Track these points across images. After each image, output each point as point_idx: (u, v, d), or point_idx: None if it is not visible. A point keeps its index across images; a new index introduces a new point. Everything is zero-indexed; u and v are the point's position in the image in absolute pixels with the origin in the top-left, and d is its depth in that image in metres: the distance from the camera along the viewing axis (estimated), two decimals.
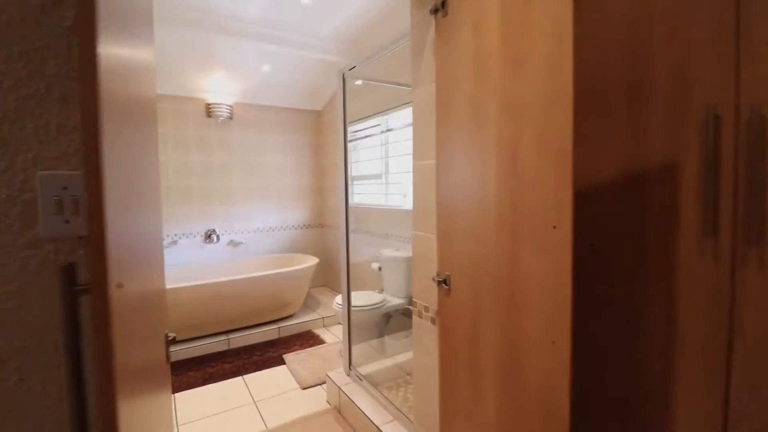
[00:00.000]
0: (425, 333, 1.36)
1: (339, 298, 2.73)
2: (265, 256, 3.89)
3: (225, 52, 3.13)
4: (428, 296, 1.30)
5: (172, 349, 2.68)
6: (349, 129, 3.82)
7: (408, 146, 3.06)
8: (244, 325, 3.08)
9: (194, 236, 3.62)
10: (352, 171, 3.90)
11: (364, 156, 3.76)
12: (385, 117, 3.24)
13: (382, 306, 2.68)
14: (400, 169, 3.22)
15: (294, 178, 4.14)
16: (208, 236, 3.67)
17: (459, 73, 1.09)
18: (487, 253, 1.02)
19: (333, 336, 3.11)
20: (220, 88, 3.60)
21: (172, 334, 0.75)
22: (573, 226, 0.87)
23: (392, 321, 2.86)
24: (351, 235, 3.68)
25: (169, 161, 3.48)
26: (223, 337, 2.91)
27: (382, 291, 3.00)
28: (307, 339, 3.05)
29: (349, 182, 3.73)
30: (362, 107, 3.45)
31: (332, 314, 3.37)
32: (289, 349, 2.87)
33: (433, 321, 1.29)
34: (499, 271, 1.00)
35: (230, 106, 3.68)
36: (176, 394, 2.27)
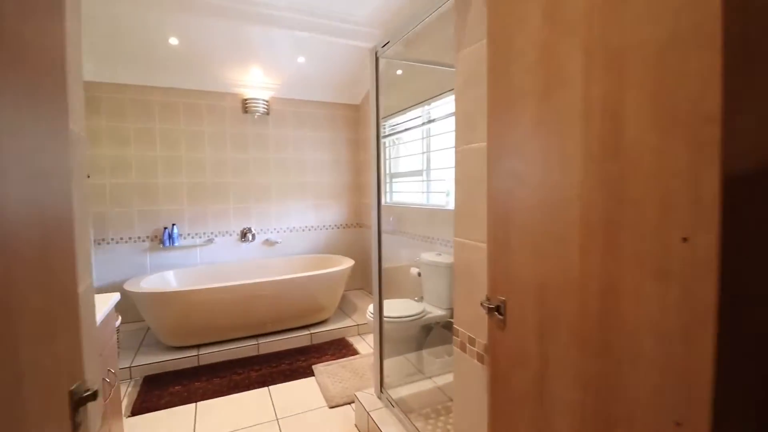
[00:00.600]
0: (470, 372, 1.05)
1: (371, 307, 2.48)
2: (300, 256, 3.74)
3: (259, 42, 3.00)
4: (475, 324, 1.00)
5: (203, 351, 2.58)
6: (388, 122, 3.57)
7: (452, 139, 2.74)
8: (275, 329, 2.92)
9: (230, 234, 3.55)
10: (391, 167, 3.63)
11: (404, 151, 3.48)
12: (427, 107, 2.94)
13: (421, 318, 2.39)
14: (443, 164, 2.90)
15: (331, 176, 3.96)
16: (244, 235, 3.58)
17: (522, 13, 0.77)
18: (563, 274, 0.70)
19: (367, 346, 2.87)
20: (256, 82, 3.49)
21: (91, 388, 0.53)
22: (720, 237, 0.53)
23: (432, 335, 2.55)
24: (388, 237, 3.41)
25: (205, 158, 3.42)
26: (252, 342, 2.77)
27: (421, 299, 2.71)
28: (340, 348, 2.83)
29: (383, 179, 3.46)
30: (402, 99, 3.18)
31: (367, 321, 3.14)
32: (320, 359, 2.66)
33: (480, 358, 0.98)
34: (584, 302, 0.67)
35: (267, 102, 3.56)
36: (199, 403, 2.14)
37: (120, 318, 2.05)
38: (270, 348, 2.79)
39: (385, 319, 2.22)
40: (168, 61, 3.06)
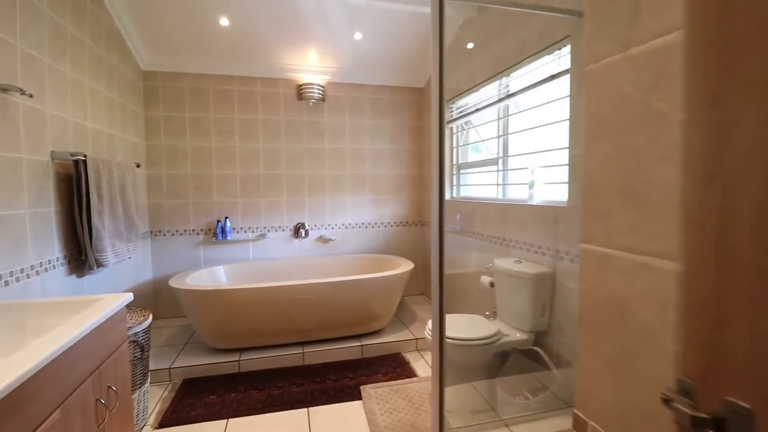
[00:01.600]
0: None
1: (432, 324, 2.02)
2: (355, 256, 3.40)
3: (311, 17, 2.70)
4: (629, 424, 0.49)
5: (244, 357, 2.35)
6: (456, 105, 3.07)
7: (539, 115, 2.15)
8: (323, 337, 2.60)
9: (283, 230, 3.33)
10: (459, 157, 3.13)
11: (474, 137, 2.96)
12: (504, 79, 2.39)
13: (495, 342, 1.88)
14: (525, 148, 2.34)
15: (391, 168, 3.57)
16: (297, 231, 3.35)
17: None
18: None
19: (427, 367, 2.41)
20: (311, 65, 3.22)
21: None
22: None
23: (509, 364, 2.02)
24: (454, 238, 2.92)
25: (259, 149, 3.24)
26: (297, 350, 2.48)
27: (494, 315, 2.19)
28: (394, 366, 2.41)
29: (449, 169, 2.98)
30: (472, 76, 2.67)
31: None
32: (370, 377, 2.28)
33: None
34: None
35: (322, 87, 3.27)
36: (230, 420, 1.87)
37: (151, 317, 1.86)
38: (316, 358, 2.47)
39: (448, 340, 1.76)
40: (221, 45, 2.90)
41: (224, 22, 2.66)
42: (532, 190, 2.18)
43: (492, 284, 2.22)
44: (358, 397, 2.07)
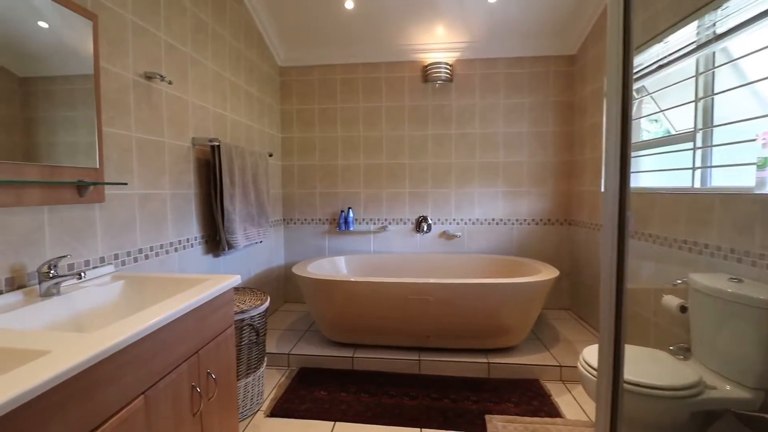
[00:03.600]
0: None
1: (590, 353, 1.50)
2: (483, 256, 2.97)
3: None
4: None
5: (358, 354, 2.21)
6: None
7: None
8: (442, 346, 2.28)
9: (404, 223, 3.14)
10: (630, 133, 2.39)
11: (650, 107, 2.21)
12: (709, 17, 1.64)
13: (695, 395, 1.25)
14: (745, 112, 1.56)
15: (531, 154, 3.01)
16: (419, 224, 3.10)
17: None
18: None
19: (575, 405, 1.86)
20: (438, 43, 2.93)
21: None
22: None
23: (716, 429, 1.35)
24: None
25: (382, 137, 3.10)
26: (413, 356, 2.22)
27: (685, 353, 1.53)
28: (530, 396, 1.93)
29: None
30: (653, 22, 1.95)
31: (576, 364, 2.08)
32: (498, 405, 1.86)
33: None
34: None
35: (450, 66, 2.94)
36: (336, 424, 1.72)
37: (268, 301, 1.84)
38: (433, 369, 2.17)
39: (626, 386, 1.23)
40: (346, 32, 2.85)
41: (349, 4, 2.58)
42: (765, 171, 1.43)
43: (683, 309, 1.55)
44: (482, 428, 1.68)
